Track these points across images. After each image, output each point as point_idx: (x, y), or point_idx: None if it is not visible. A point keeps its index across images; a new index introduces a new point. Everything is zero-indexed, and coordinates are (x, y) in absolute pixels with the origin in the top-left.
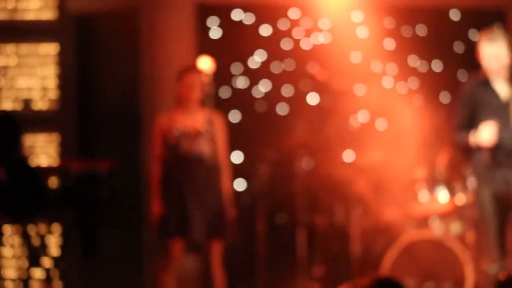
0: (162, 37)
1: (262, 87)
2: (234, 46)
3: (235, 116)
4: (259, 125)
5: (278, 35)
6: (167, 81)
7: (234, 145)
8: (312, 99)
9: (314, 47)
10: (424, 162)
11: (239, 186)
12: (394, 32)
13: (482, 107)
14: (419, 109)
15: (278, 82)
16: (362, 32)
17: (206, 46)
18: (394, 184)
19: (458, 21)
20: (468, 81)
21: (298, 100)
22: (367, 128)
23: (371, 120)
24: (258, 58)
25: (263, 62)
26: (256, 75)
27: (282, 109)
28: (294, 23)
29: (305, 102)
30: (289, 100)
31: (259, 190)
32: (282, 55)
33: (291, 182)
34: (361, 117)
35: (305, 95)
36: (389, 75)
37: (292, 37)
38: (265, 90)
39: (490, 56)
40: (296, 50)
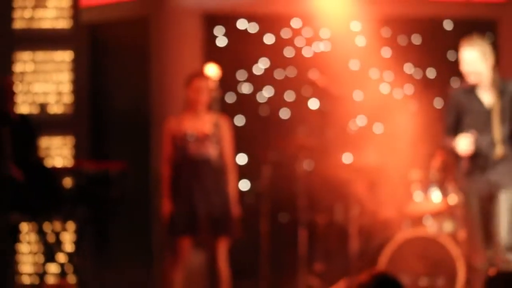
0: (171, 45)
1: (266, 93)
2: (239, 54)
3: (240, 120)
4: (263, 128)
5: (281, 44)
6: (176, 86)
7: (239, 147)
8: (312, 104)
9: (315, 55)
10: (418, 164)
11: (244, 187)
12: (391, 41)
13: (466, 114)
14: (414, 113)
15: (280, 88)
16: (360, 41)
17: (213, 54)
18: (390, 184)
19: (451, 30)
20: (454, 87)
21: (299, 105)
22: (365, 131)
23: (369, 124)
24: (262, 65)
25: (267, 69)
26: (260, 82)
27: (285, 113)
28: (296, 32)
29: (306, 106)
30: (291, 105)
31: (262, 190)
32: (285, 63)
33: (293, 182)
34: (359, 121)
35: (306, 100)
36: (385, 82)
37: (294, 45)
38: (268, 96)
39: (463, 62)
40: (297, 58)
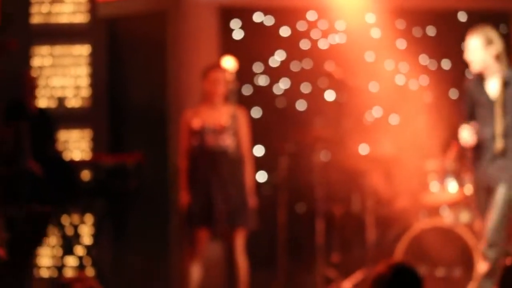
0: (188, 38)
1: (282, 85)
2: (256, 46)
3: (257, 112)
4: (279, 120)
5: (296, 36)
6: (193, 79)
7: (256, 139)
8: (329, 96)
9: (331, 47)
10: (434, 155)
11: (261, 178)
12: (406, 33)
13: (477, 104)
14: (429, 104)
15: (297, 80)
16: (376, 33)
17: (229, 47)
18: (406, 175)
19: (465, 22)
20: (470, 78)
21: (315, 96)
22: (381, 122)
23: (385, 115)
24: (278, 58)
25: (283, 61)
26: (276, 74)
27: (301, 105)
28: (312, 25)
29: (322, 98)
30: (307, 96)
31: (280, 181)
32: (301, 55)
33: (310, 173)
34: (375, 112)
35: (322, 92)
36: (401, 73)
37: (310, 37)
38: (284, 88)
39: (466, 49)
40: (313, 50)
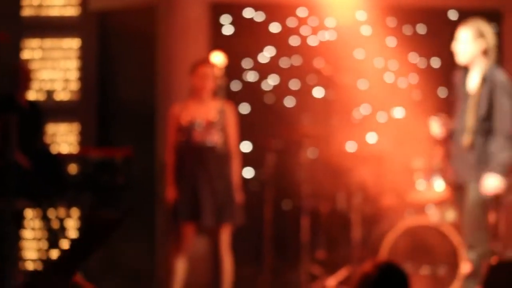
0: (178, 33)
1: (271, 81)
2: (245, 42)
3: (245, 108)
4: (268, 116)
5: (286, 32)
6: (182, 74)
7: (243, 135)
8: (317, 93)
9: (320, 44)
10: (421, 153)
11: (248, 174)
12: (396, 30)
13: (458, 95)
14: (418, 103)
15: (286, 76)
16: (366, 30)
17: (219, 42)
18: (393, 173)
19: (456, 20)
20: (458, 69)
21: (304, 93)
22: (369, 120)
23: (373, 112)
24: (267, 54)
25: (272, 58)
26: (265, 70)
27: (290, 101)
28: (302, 21)
29: (311, 95)
30: (296, 93)
31: (266, 177)
32: (290, 51)
33: (297, 170)
34: (363, 109)
35: (311, 89)
36: (390, 71)
37: (299, 34)
38: (273, 84)
39: (455, 39)
40: (303, 47)
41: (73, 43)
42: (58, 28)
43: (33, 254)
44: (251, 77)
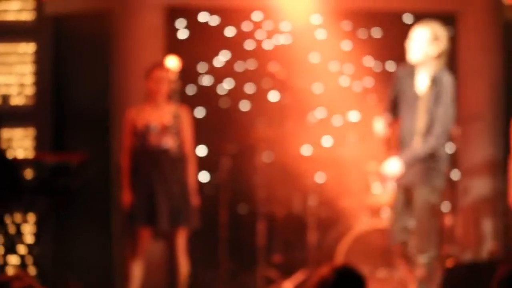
0: (133, 37)
1: (226, 85)
2: (200, 46)
3: (200, 112)
4: (223, 120)
5: (241, 37)
6: (137, 78)
7: (199, 139)
8: (273, 97)
9: (275, 48)
10: (377, 156)
11: (203, 178)
12: (351, 34)
13: (401, 96)
14: (373, 106)
15: (241, 80)
16: (321, 34)
17: (174, 46)
18: (348, 176)
19: (411, 24)
20: (400, 67)
21: (259, 97)
22: (324, 123)
23: (328, 116)
24: (222, 58)
25: (227, 62)
26: (220, 74)
27: (245, 105)
28: (257, 25)
29: (266, 99)
30: (251, 97)
31: (222, 181)
32: (245, 55)
33: (252, 174)
34: (318, 113)
35: (266, 93)
36: (345, 75)
37: (254, 38)
38: (228, 88)
39: (411, 38)
40: (258, 51)
41: (28, 48)
42: (13, 32)
43: None
44: (206, 81)
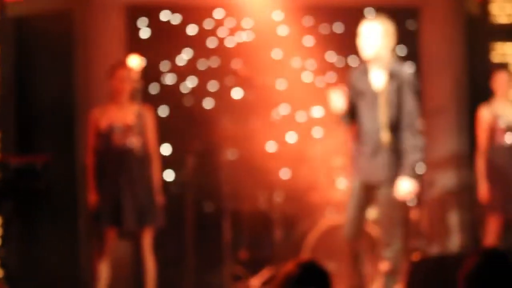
0: (95, 37)
1: (189, 83)
2: (163, 45)
3: (164, 110)
4: (187, 119)
5: (203, 34)
6: (100, 78)
7: (163, 138)
8: (236, 94)
9: (238, 45)
10: (341, 151)
11: (168, 177)
12: (313, 30)
13: (359, 95)
14: None
15: (204, 78)
16: (283, 30)
17: (136, 46)
18: (314, 172)
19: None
20: (353, 68)
21: (223, 95)
22: (288, 120)
23: (292, 112)
24: (185, 56)
25: (190, 60)
26: (183, 72)
27: (208, 103)
28: (219, 23)
29: (229, 96)
30: (214, 95)
31: (187, 180)
32: (208, 53)
33: (217, 171)
34: (282, 109)
35: (229, 90)
36: (308, 70)
37: (217, 36)
38: (192, 86)
39: (363, 34)
40: (220, 48)
41: None
42: None
43: None
44: (169, 79)
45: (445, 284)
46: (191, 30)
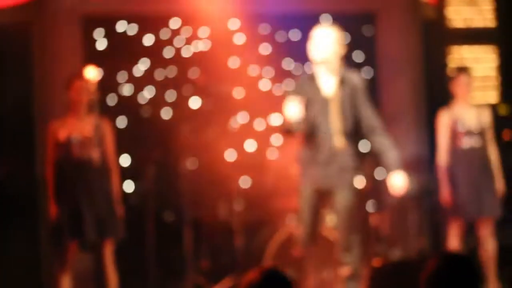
0: (52, 49)
1: (147, 94)
2: (119, 55)
3: (122, 121)
4: (145, 129)
5: (160, 44)
6: (58, 90)
7: (121, 148)
8: (194, 103)
9: (194, 54)
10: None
11: (128, 188)
12: (269, 37)
13: (308, 102)
14: None
15: (161, 88)
16: (239, 38)
17: (93, 57)
18: (274, 180)
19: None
20: (299, 75)
21: (180, 104)
22: (247, 128)
23: (250, 120)
24: (142, 67)
25: (147, 70)
26: (140, 82)
27: (166, 113)
28: (175, 32)
29: (187, 106)
30: (172, 104)
31: (147, 190)
32: (165, 63)
33: (177, 181)
34: (240, 118)
35: (187, 100)
36: (265, 78)
37: (173, 45)
38: (149, 96)
39: (316, 42)
40: (177, 58)
41: None
42: None
43: None
44: (127, 90)
45: None
46: (148, 40)
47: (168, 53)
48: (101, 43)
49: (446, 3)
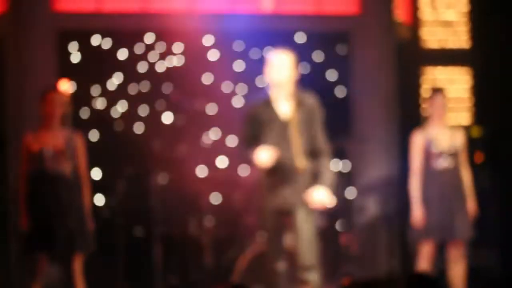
0: (27, 61)
1: (120, 108)
2: (93, 69)
3: (94, 135)
4: (117, 143)
5: (134, 59)
6: (32, 103)
7: (93, 162)
8: (166, 118)
9: (168, 70)
10: None
11: (99, 201)
12: (243, 54)
13: (264, 127)
14: None
15: (134, 102)
16: (213, 55)
17: (67, 70)
18: (245, 195)
19: (303, 43)
20: (252, 101)
21: (153, 119)
22: (219, 144)
23: (222, 137)
24: (115, 81)
25: (120, 84)
26: (113, 96)
27: (139, 128)
28: (150, 47)
29: (160, 121)
30: (145, 119)
31: (117, 204)
32: (138, 77)
33: (148, 196)
34: (212, 134)
35: (160, 115)
36: (239, 95)
37: (147, 60)
38: (122, 111)
39: (275, 67)
40: (151, 73)
41: None
42: None
43: None
44: (100, 104)
45: None
46: (122, 54)
47: (142, 67)
48: (75, 57)
49: (421, 24)
